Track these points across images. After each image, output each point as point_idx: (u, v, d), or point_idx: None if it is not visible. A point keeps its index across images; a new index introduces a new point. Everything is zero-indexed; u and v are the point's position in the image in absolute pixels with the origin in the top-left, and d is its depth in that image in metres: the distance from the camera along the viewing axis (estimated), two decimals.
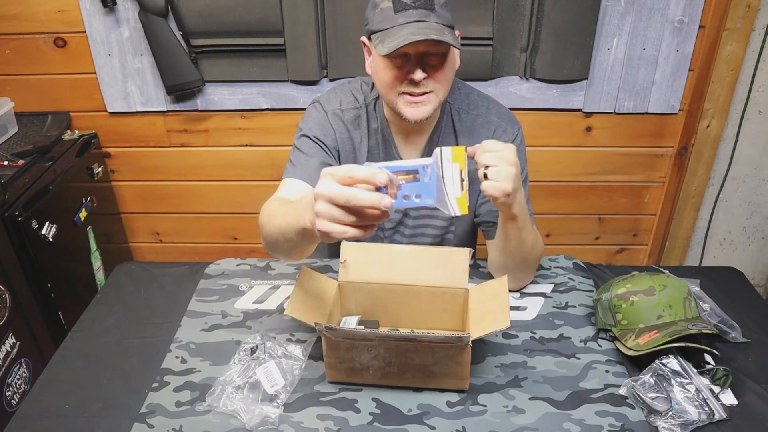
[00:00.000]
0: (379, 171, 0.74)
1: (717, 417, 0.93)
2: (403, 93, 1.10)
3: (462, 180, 0.82)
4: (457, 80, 1.27)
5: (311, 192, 0.78)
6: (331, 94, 1.26)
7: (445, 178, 0.81)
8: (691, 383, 0.96)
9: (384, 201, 0.73)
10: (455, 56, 1.13)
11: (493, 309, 0.98)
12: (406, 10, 1.04)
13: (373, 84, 1.25)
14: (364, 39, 1.15)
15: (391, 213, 0.79)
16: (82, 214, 1.84)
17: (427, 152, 1.24)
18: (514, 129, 1.25)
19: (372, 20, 1.09)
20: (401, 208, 0.81)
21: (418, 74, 1.06)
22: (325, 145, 1.21)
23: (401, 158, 1.24)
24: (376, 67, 1.12)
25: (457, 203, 0.82)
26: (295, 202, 1.05)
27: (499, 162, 0.96)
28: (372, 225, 0.77)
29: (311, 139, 1.21)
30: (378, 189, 0.75)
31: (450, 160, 0.81)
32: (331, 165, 1.20)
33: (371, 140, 1.24)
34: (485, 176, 0.96)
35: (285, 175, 1.20)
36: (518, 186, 1.00)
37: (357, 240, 1.17)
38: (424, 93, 1.09)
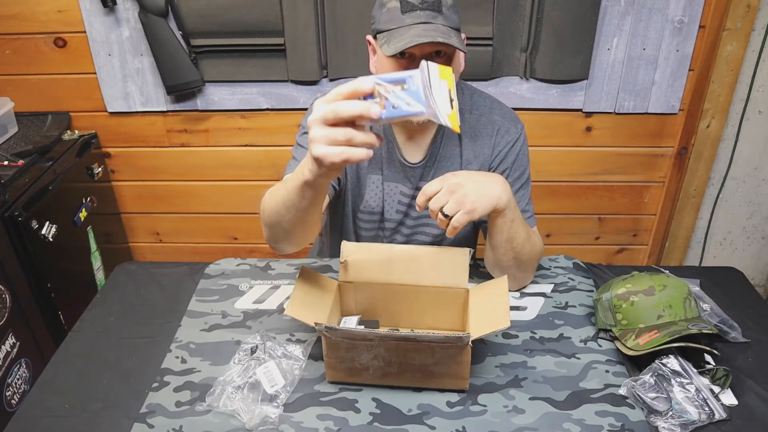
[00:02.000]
0: (364, 79, 0.74)
1: (717, 417, 0.93)
2: None
3: (451, 99, 0.80)
4: (461, 81, 1.27)
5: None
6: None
7: (434, 91, 0.78)
8: (691, 383, 0.96)
9: (373, 108, 0.74)
10: (460, 59, 1.13)
11: (493, 309, 0.98)
12: (413, 11, 1.04)
13: None
14: (369, 38, 1.16)
15: (381, 136, 0.77)
16: (82, 214, 1.84)
17: (431, 153, 1.24)
18: (517, 129, 1.25)
19: (378, 19, 1.09)
20: (391, 118, 0.78)
21: None
22: None
23: (404, 159, 1.24)
24: (381, 66, 1.12)
25: (449, 119, 0.79)
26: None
27: (444, 194, 0.98)
28: (368, 144, 0.77)
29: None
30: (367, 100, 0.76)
31: (438, 76, 0.79)
32: None
33: None
34: (445, 216, 0.99)
35: (287, 171, 1.20)
36: (471, 190, 1.00)
37: (358, 238, 1.17)
38: None
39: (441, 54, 1.07)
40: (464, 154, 1.23)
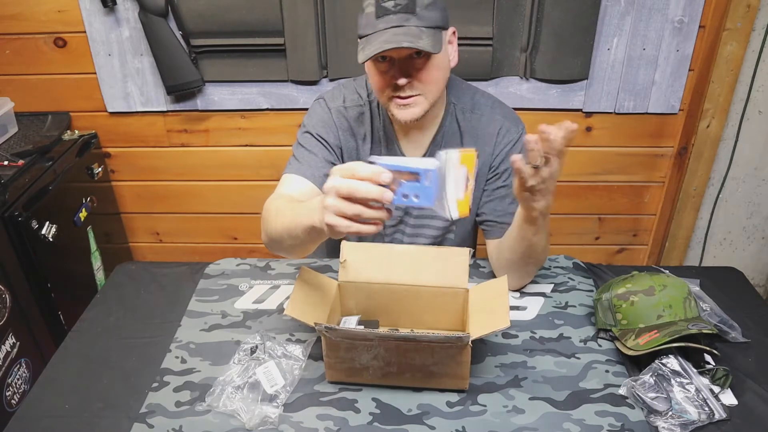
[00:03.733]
0: (383, 170, 0.77)
1: (717, 417, 0.93)
2: (392, 96, 1.10)
3: (467, 182, 0.82)
4: (462, 81, 1.28)
5: (318, 191, 0.80)
6: (335, 90, 1.27)
7: (448, 181, 0.81)
8: (691, 383, 0.96)
9: (386, 195, 0.77)
10: (444, 56, 1.12)
11: (493, 309, 0.98)
12: (386, 15, 1.04)
13: None
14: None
15: (391, 210, 0.81)
16: (82, 214, 1.84)
17: (431, 152, 1.24)
18: (519, 129, 1.25)
19: (359, 24, 1.09)
20: (400, 205, 0.82)
21: (401, 80, 1.07)
22: (328, 143, 1.22)
23: (404, 155, 1.24)
24: (368, 71, 1.13)
25: (456, 206, 0.82)
26: (303, 201, 1.06)
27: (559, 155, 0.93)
28: (376, 222, 0.81)
29: (314, 136, 1.21)
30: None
31: (458, 162, 0.81)
32: (333, 163, 1.20)
33: (374, 137, 1.24)
34: (536, 168, 0.92)
35: (287, 170, 1.20)
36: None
37: (359, 239, 1.17)
38: (411, 96, 1.09)
39: (421, 54, 1.06)
40: None
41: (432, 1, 1.06)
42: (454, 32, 1.14)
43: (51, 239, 1.63)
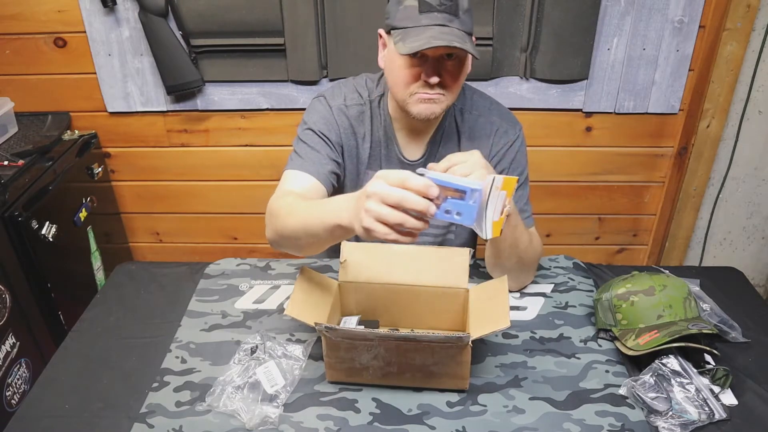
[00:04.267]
0: (432, 184, 0.78)
1: (717, 417, 0.93)
2: (416, 92, 1.10)
3: (504, 206, 0.87)
4: None
5: (322, 189, 0.83)
6: (335, 89, 1.26)
7: (489, 203, 0.84)
8: (691, 383, 0.96)
9: (431, 209, 0.78)
10: (469, 63, 1.13)
11: (493, 309, 0.98)
12: (431, 12, 1.03)
13: (378, 81, 1.25)
14: (381, 31, 1.15)
15: (430, 222, 0.82)
16: (82, 214, 1.84)
17: (430, 152, 1.24)
18: (516, 130, 1.25)
19: (394, 16, 1.08)
20: (441, 220, 0.83)
21: (434, 79, 1.06)
22: (330, 140, 1.21)
23: (403, 156, 1.24)
24: (392, 63, 1.11)
25: (492, 226, 0.86)
26: (313, 198, 1.07)
27: (472, 168, 0.95)
28: (412, 233, 0.80)
29: (316, 133, 1.21)
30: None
31: (499, 187, 0.85)
32: (335, 160, 1.20)
33: (374, 137, 1.24)
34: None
35: (290, 166, 1.19)
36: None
37: (356, 239, 1.17)
38: (437, 94, 1.10)
39: (453, 57, 1.07)
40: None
41: (469, 7, 1.07)
42: (475, 41, 1.14)
43: (51, 239, 1.63)
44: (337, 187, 1.27)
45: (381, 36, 1.16)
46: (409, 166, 1.24)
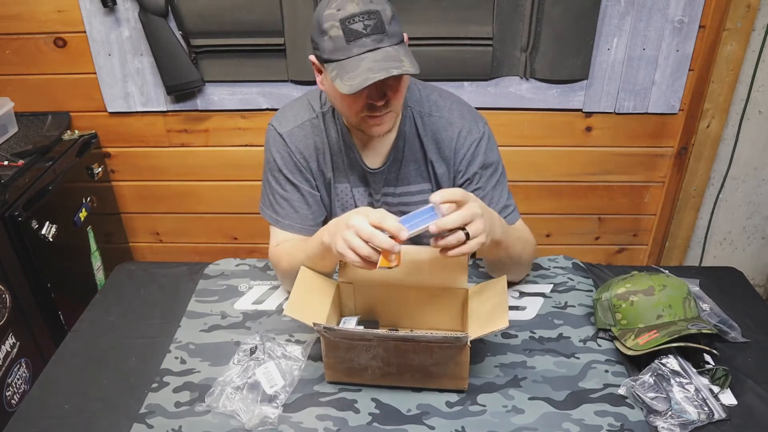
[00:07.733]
0: (403, 228, 0.92)
1: (716, 417, 0.93)
2: (365, 115, 1.07)
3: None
4: (418, 81, 1.23)
5: (338, 218, 1.00)
6: (287, 110, 1.23)
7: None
8: (691, 383, 0.96)
9: (395, 248, 0.92)
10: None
11: (492, 309, 0.98)
12: (359, 39, 0.99)
13: None
14: (312, 58, 1.11)
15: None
16: (82, 214, 1.84)
17: (392, 158, 1.20)
18: (479, 126, 1.20)
19: (322, 47, 1.04)
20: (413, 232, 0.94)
21: (380, 102, 1.04)
22: (298, 181, 1.20)
23: (365, 164, 1.21)
24: (334, 92, 1.05)
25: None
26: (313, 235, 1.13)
27: (473, 218, 0.93)
28: (373, 264, 0.93)
29: (285, 177, 1.20)
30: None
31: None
32: (310, 191, 1.21)
33: (333, 147, 1.21)
34: (467, 236, 0.94)
35: (273, 220, 1.22)
36: (489, 224, 0.98)
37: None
38: (385, 113, 1.07)
39: (397, 76, 1.02)
40: (428, 155, 1.20)
41: (392, 13, 1.02)
42: (407, 39, 1.08)
43: (51, 239, 1.63)
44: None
45: (314, 63, 1.11)
46: (372, 175, 1.21)
